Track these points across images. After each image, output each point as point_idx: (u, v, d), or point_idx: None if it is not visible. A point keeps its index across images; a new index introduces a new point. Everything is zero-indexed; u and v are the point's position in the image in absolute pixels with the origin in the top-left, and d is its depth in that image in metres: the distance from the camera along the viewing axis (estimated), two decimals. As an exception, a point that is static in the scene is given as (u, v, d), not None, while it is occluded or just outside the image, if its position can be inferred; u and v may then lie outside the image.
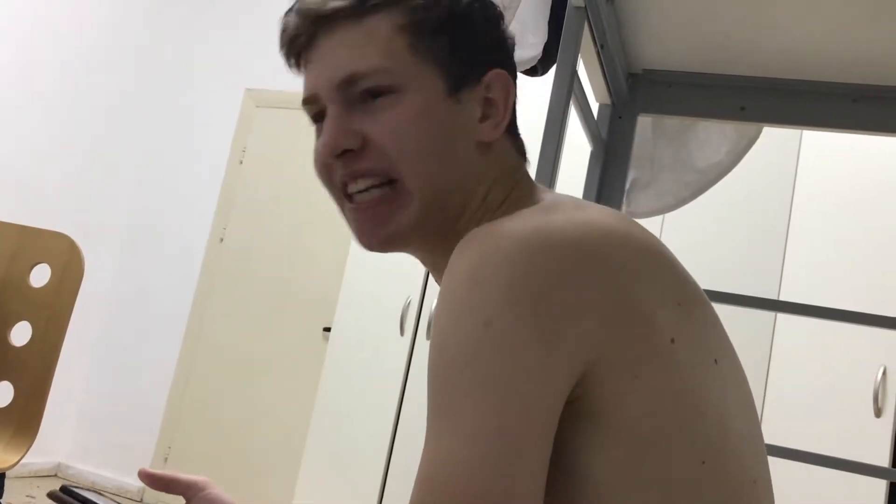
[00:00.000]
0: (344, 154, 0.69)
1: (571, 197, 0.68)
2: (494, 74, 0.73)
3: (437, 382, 0.55)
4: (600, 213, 0.62)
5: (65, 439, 4.30)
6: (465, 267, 0.56)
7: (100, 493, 0.76)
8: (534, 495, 0.51)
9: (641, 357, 0.56)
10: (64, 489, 0.72)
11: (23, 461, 1.74)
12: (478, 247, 0.57)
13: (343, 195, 0.72)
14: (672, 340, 0.58)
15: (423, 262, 0.77)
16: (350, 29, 0.69)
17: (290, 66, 0.76)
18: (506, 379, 0.52)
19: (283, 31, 0.74)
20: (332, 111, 0.70)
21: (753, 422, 0.65)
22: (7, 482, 1.85)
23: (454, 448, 0.51)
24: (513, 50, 0.78)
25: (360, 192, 0.70)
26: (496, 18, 0.76)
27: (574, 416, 0.55)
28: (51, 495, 0.72)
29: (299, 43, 0.73)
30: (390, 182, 0.69)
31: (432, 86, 0.69)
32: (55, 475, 4.29)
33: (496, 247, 0.56)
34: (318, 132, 0.73)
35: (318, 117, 0.74)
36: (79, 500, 0.72)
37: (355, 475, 2.96)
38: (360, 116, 0.69)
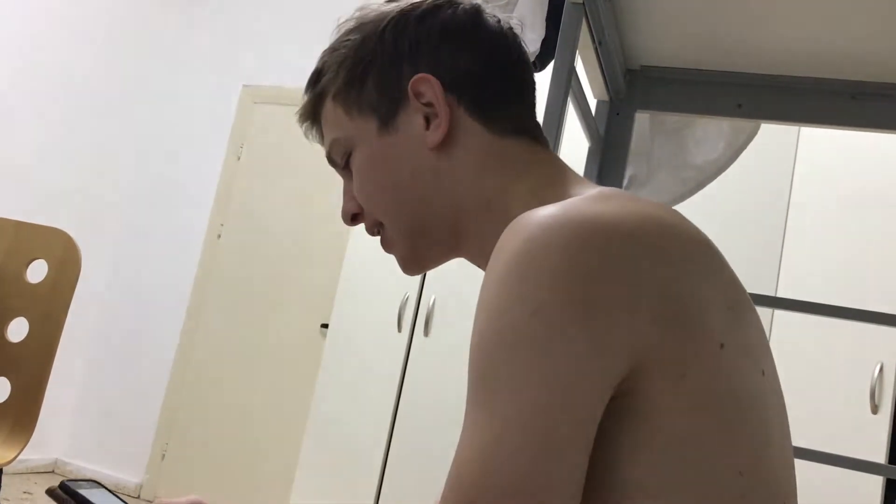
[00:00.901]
0: (355, 218, 0.80)
1: (623, 190, 0.66)
2: (414, 82, 0.73)
3: (480, 369, 0.53)
4: (656, 208, 0.60)
5: (62, 435, 4.30)
6: (514, 251, 0.55)
7: (101, 486, 0.75)
8: (573, 488, 0.50)
9: (689, 358, 0.54)
10: (63, 486, 0.70)
11: (20, 457, 1.74)
12: (529, 232, 0.55)
13: None
14: (721, 345, 0.56)
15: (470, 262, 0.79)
16: (319, 121, 0.80)
17: None
18: (551, 369, 0.51)
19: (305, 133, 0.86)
20: (343, 184, 0.81)
21: (788, 439, 0.64)
22: (4, 478, 1.85)
23: (494, 436, 0.50)
24: (448, 35, 0.74)
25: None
26: (414, 22, 0.75)
27: (615, 411, 0.53)
28: (49, 492, 0.70)
29: (320, 142, 0.84)
30: (382, 225, 0.78)
31: (369, 131, 0.75)
32: (52, 471, 4.29)
33: (547, 233, 0.54)
34: None
35: None
36: (77, 500, 0.70)
37: (352, 471, 2.96)
38: (351, 184, 0.79)
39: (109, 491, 0.75)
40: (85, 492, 0.71)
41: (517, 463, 0.49)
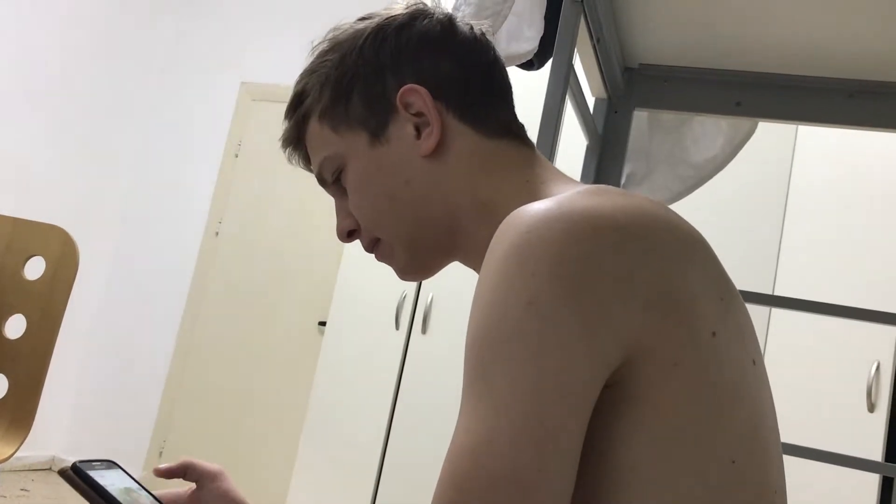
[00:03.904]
0: (351, 234, 0.81)
1: (614, 187, 0.67)
2: (402, 94, 0.74)
3: (475, 359, 0.54)
4: (647, 202, 0.61)
5: (59, 432, 4.30)
6: (509, 244, 0.56)
7: (117, 465, 0.74)
8: (566, 476, 0.50)
9: (682, 346, 0.55)
10: (75, 469, 0.69)
11: (17, 454, 1.74)
12: (524, 225, 0.56)
13: None
14: (713, 334, 0.57)
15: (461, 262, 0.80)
16: (304, 145, 0.81)
17: None
18: (546, 359, 0.51)
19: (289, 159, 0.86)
20: (334, 203, 0.82)
21: (777, 431, 0.65)
22: (1, 475, 1.85)
23: (487, 427, 0.50)
24: (428, 43, 0.76)
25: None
26: (392, 35, 0.76)
27: (609, 401, 0.54)
28: (61, 473, 0.69)
29: (305, 167, 0.85)
30: (379, 240, 0.79)
31: (360, 145, 0.76)
32: (49, 468, 4.29)
33: (542, 226, 0.55)
34: None
35: None
36: (87, 484, 0.68)
37: (350, 468, 2.96)
38: (345, 200, 0.80)
39: (125, 472, 0.74)
40: (96, 473, 0.70)
41: (511, 451, 0.49)
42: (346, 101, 0.76)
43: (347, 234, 0.81)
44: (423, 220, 0.75)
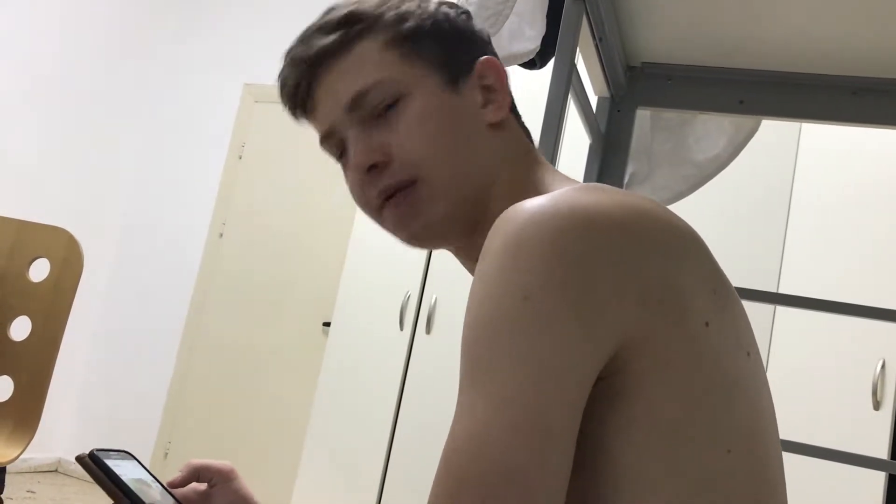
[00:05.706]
0: (372, 169, 0.73)
1: (608, 185, 0.68)
2: (485, 62, 0.77)
3: (472, 354, 0.54)
4: (642, 200, 0.62)
5: (65, 434, 4.31)
6: (506, 240, 0.56)
7: (133, 457, 0.75)
8: (562, 471, 0.51)
9: (675, 340, 0.56)
10: (92, 456, 0.70)
11: (23, 456, 1.74)
12: (520, 221, 0.57)
13: (380, 212, 0.76)
14: (706, 324, 0.58)
15: (458, 254, 0.79)
16: (342, 61, 0.75)
17: (296, 117, 0.81)
18: (541, 354, 0.52)
19: (283, 86, 0.80)
20: (351, 135, 0.75)
21: (775, 425, 0.65)
22: (7, 477, 1.86)
23: (485, 420, 0.51)
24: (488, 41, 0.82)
25: (391, 197, 0.74)
26: (463, 16, 0.80)
27: (603, 394, 0.55)
28: (79, 459, 0.70)
29: (301, 91, 0.78)
30: (414, 182, 0.73)
31: (432, 83, 0.74)
32: (55, 470, 4.30)
33: (538, 222, 0.56)
34: (345, 167, 0.78)
35: (341, 153, 0.78)
36: (103, 471, 0.70)
37: (355, 469, 2.96)
38: (378, 131, 0.73)
39: (140, 464, 0.75)
40: (112, 462, 0.71)
41: (508, 444, 0.50)
42: (428, 41, 0.75)
43: (369, 169, 0.73)
44: (467, 176, 0.73)
